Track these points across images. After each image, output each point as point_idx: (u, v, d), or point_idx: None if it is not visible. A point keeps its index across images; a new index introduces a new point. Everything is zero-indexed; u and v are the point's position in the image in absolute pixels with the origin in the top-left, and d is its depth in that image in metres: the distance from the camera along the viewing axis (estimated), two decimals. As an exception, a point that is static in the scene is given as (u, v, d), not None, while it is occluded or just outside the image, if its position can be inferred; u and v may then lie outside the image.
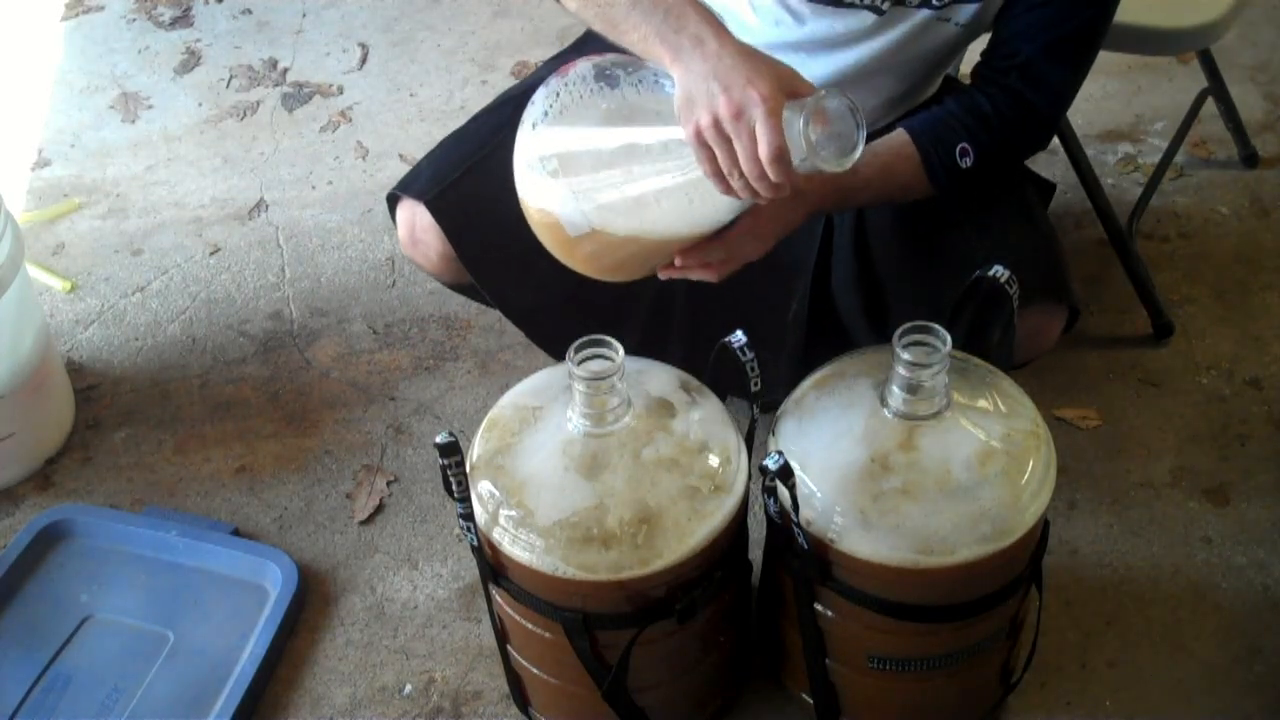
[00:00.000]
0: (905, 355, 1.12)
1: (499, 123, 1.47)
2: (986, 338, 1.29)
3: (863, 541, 1.14)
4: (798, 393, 1.26)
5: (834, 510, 1.15)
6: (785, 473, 1.11)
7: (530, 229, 1.24)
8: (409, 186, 1.46)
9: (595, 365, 1.13)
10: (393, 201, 1.49)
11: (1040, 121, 1.34)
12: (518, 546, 1.16)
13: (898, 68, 1.39)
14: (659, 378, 1.25)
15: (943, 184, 1.31)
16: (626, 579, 1.14)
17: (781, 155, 1.05)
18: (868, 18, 1.32)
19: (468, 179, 1.44)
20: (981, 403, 1.19)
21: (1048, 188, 1.58)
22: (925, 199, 1.34)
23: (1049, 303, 1.37)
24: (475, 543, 1.22)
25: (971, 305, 1.24)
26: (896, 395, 1.15)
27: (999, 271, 1.19)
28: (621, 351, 1.13)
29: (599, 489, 1.15)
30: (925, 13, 1.32)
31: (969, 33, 1.35)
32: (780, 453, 1.11)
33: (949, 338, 1.12)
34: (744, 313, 1.49)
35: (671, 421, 1.20)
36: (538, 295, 1.48)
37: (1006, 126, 1.32)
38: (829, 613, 1.24)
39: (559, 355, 1.60)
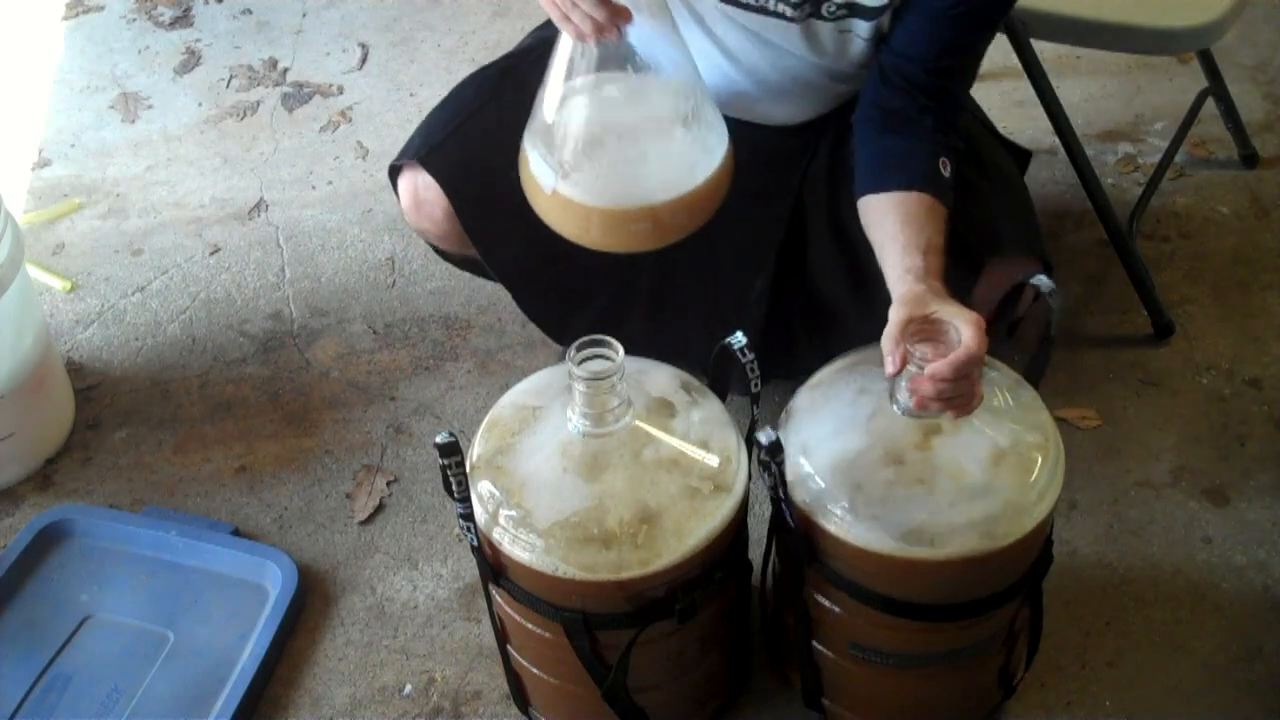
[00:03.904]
0: (916, 352, 1.12)
1: (482, 85, 1.55)
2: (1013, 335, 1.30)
3: (853, 529, 1.15)
4: (813, 380, 1.26)
5: (833, 496, 1.16)
6: (775, 449, 1.12)
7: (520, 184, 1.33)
8: (404, 154, 1.52)
9: (595, 365, 1.13)
10: (394, 176, 1.54)
11: (962, 103, 1.40)
12: (518, 546, 1.16)
13: (821, 69, 1.42)
14: (659, 378, 1.25)
15: (950, 200, 1.32)
16: (626, 579, 1.14)
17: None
18: (787, 26, 1.36)
19: (456, 136, 1.50)
20: (994, 403, 1.19)
21: (1024, 155, 1.60)
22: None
23: (1022, 255, 1.41)
24: (475, 543, 1.23)
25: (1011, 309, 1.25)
26: (904, 391, 1.15)
27: (1042, 282, 1.19)
28: (621, 351, 1.13)
29: (599, 489, 1.15)
30: (828, 25, 1.35)
31: (877, 45, 1.37)
32: (772, 429, 1.12)
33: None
34: (707, 289, 1.53)
35: (671, 421, 1.20)
36: (522, 250, 1.51)
37: (949, 125, 1.35)
38: (816, 595, 1.25)
39: (537, 319, 1.66)
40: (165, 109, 2.41)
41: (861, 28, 1.34)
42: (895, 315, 1.14)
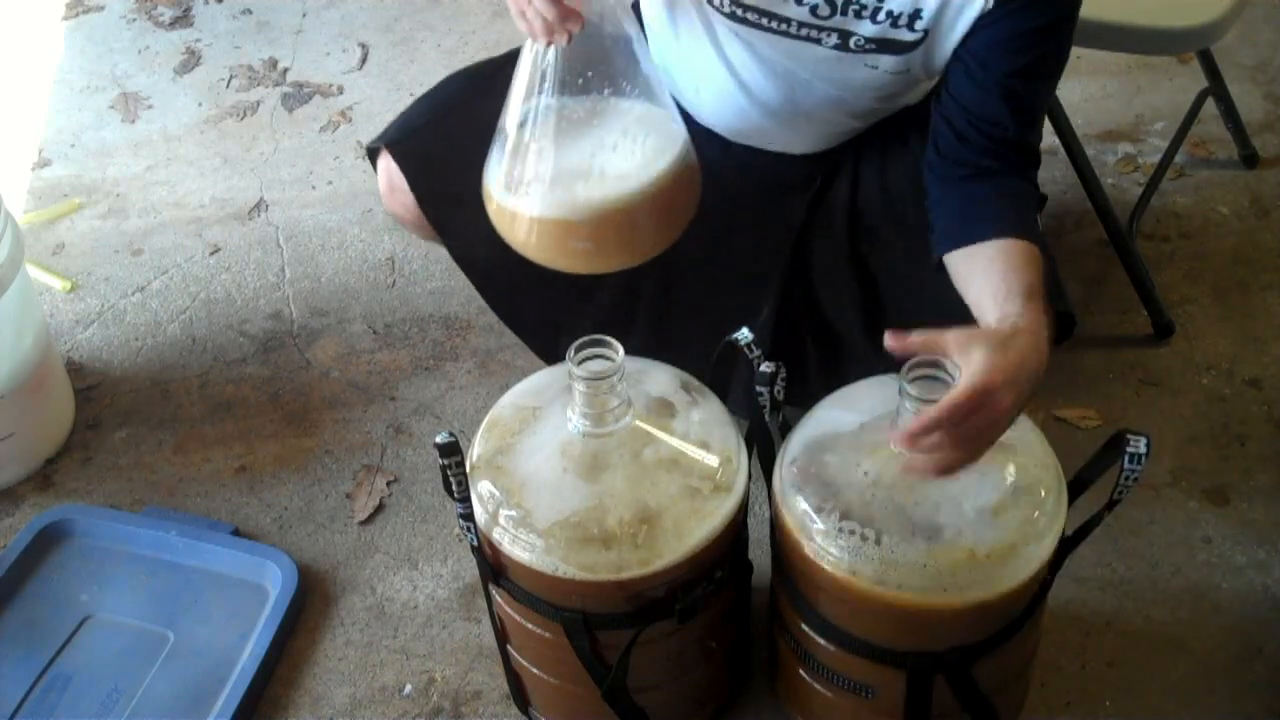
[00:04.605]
0: (913, 390, 1.09)
1: (473, 78, 1.54)
2: None
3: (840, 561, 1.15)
4: (829, 401, 1.26)
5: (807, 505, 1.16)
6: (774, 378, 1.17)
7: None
8: (381, 137, 1.51)
9: (595, 365, 1.13)
10: (373, 158, 1.53)
11: (1038, 152, 1.34)
12: (518, 546, 1.16)
13: (834, 101, 1.39)
14: (659, 378, 1.25)
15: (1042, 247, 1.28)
16: (626, 579, 1.14)
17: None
18: (809, 50, 1.33)
19: (432, 127, 1.49)
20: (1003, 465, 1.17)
21: (1040, 198, 1.58)
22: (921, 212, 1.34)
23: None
24: (475, 543, 1.23)
25: None
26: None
27: (1133, 442, 1.13)
28: (621, 351, 1.13)
29: (599, 489, 1.15)
30: (852, 55, 1.32)
31: (903, 80, 1.34)
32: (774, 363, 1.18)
33: (958, 371, 1.10)
34: (709, 315, 1.50)
35: (671, 421, 1.20)
36: (495, 253, 1.45)
37: (1035, 180, 1.32)
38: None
39: (521, 333, 1.63)
40: (165, 109, 2.41)
41: (887, 62, 1.31)
42: (944, 333, 1.08)
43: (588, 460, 1.17)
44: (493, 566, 1.22)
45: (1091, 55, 2.25)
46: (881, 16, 1.26)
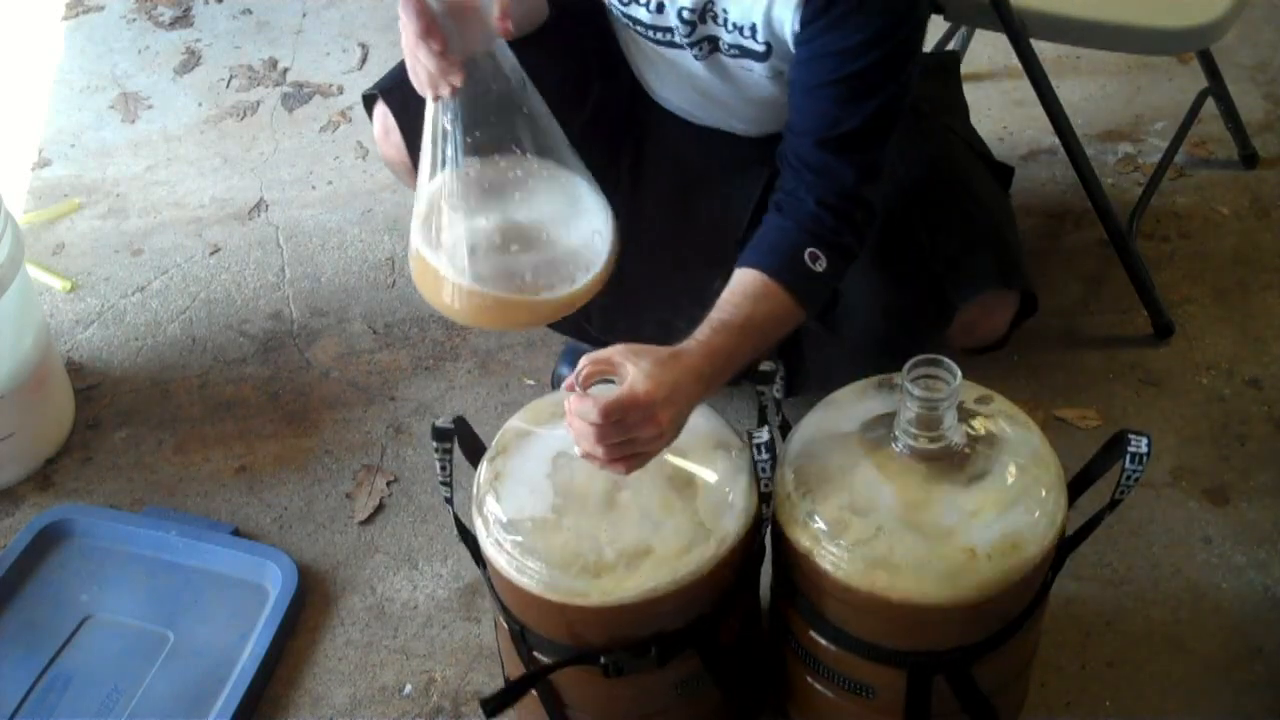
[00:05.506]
0: (915, 390, 1.10)
1: None
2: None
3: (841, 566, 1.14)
4: (826, 403, 1.25)
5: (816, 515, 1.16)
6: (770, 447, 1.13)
7: None
8: (377, 85, 1.53)
9: (600, 389, 1.13)
10: (369, 105, 1.54)
11: (862, 177, 1.28)
12: (483, 530, 1.18)
13: (743, 98, 1.42)
14: (695, 420, 1.18)
15: (811, 297, 1.25)
16: (566, 604, 1.13)
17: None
18: (695, 59, 1.37)
19: None
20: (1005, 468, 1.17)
21: (1006, 171, 1.57)
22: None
23: (993, 290, 1.38)
24: (457, 521, 1.24)
25: None
26: (907, 431, 1.14)
27: (1134, 442, 1.13)
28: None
29: (562, 504, 1.16)
30: (731, 61, 1.35)
31: (782, 83, 1.34)
32: (767, 430, 1.14)
33: (959, 371, 1.10)
34: (667, 289, 1.52)
35: (674, 465, 1.18)
36: None
37: (838, 205, 1.26)
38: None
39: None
40: (165, 109, 2.41)
41: (759, 68, 1.33)
42: (610, 350, 1.12)
43: (566, 475, 1.17)
44: (478, 557, 1.24)
45: (1091, 55, 2.25)
46: (730, 26, 1.30)
